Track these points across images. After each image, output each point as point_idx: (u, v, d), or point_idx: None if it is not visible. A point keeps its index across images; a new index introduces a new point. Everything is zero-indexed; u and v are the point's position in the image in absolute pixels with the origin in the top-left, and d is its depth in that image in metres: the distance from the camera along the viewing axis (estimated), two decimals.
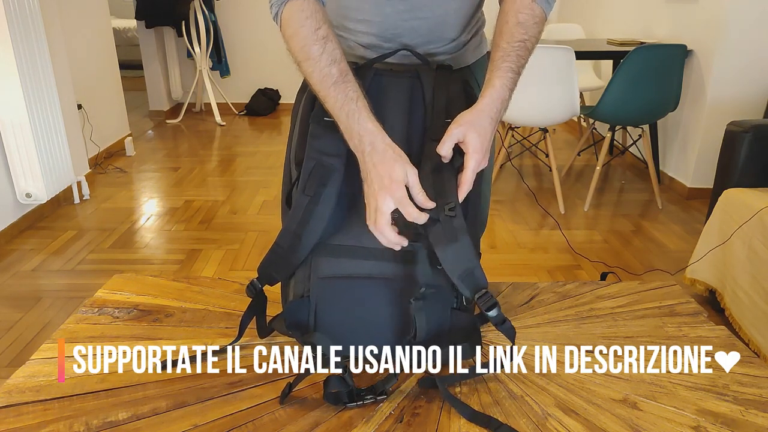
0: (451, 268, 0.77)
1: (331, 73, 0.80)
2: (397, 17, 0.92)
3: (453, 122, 0.80)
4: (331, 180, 0.82)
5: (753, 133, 2.08)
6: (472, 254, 0.77)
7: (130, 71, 6.17)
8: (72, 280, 2.39)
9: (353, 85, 0.81)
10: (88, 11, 3.73)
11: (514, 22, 0.85)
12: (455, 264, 0.77)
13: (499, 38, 0.85)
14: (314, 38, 0.82)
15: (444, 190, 0.78)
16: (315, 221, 0.81)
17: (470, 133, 0.78)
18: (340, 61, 0.82)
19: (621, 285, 1.08)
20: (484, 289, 0.77)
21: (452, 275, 0.77)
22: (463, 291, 0.77)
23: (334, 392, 0.75)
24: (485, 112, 0.80)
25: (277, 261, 0.83)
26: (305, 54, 0.82)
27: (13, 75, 2.59)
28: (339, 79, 0.80)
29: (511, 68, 0.83)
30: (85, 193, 3.28)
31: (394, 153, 0.78)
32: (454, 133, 0.79)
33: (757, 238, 1.86)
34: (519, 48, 0.84)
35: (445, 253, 0.76)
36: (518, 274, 2.46)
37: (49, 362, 0.83)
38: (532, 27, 0.86)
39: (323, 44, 0.82)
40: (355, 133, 0.79)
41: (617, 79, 2.90)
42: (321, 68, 0.81)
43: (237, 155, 4.17)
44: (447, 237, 0.76)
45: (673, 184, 3.46)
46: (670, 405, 0.77)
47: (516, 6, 0.87)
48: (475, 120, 0.79)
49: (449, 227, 0.76)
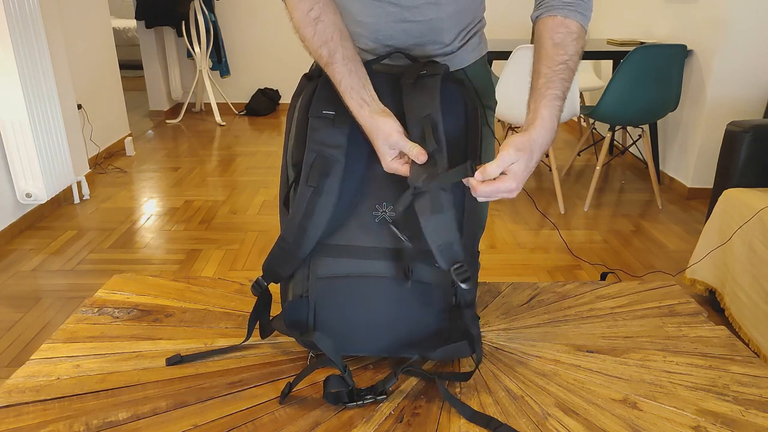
0: (432, 238, 0.78)
1: (321, 55, 0.85)
2: (389, 19, 0.92)
3: (507, 143, 0.76)
4: (333, 170, 0.82)
5: (753, 133, 2.08)
6: (455, 228, 0.78)
7: (130, 71, 6.18)
8: (72, 280, 2.39)
9: (339, 66, 0.83)
10: (88, 11, 3.73)
11: (551, 44, 0.83)
12: (436, 234, 0.77)
13: (539, 64, 0.83)
14: (307, 20, 0.85)
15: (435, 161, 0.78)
16: (319, 212, 0.81)
17: (522, 162, 0.76)
18: (330, 41, 0.85)
19: (621, 285, 1.08)
20: (459, 262, 0.78)
21: (432, 245, 0.78)
22: (439, 261, 0.78)
23: (334, 392, 0.75)
24: (538, 143, 0.78)
25: (282, 256, 0.83)
26: (302, 35, 0.87)
27: (13, 75, 2.59)
28: (329, 60, 0.84)
29: (557, 95, 0.81)
30: (85, 193, 3.28)
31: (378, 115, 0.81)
32: (507, 158, 0.75)
33: (757, 238, 1.86)
34: (561, 71, 0.82)
35: (428, 222, 0.77)
36: (518, 274, 2.46)
37: (49, 362, 0.84)
38: (571, 45, 0.83)
39: (315, 25, 0.85)
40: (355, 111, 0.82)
41: (617, 79, 2.90)
42: (314, 50, 0.86)
43: (237, 155, 4.17)
44: (432, 208, 0.77)
45: (673, 184, 3.47)
46: (670, 405, 0.77)
47: (549, 26, 0.84)
48: (529, 148, 0.77)
49: (436, 199, 0.77)
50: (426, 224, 0.77)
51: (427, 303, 0.83)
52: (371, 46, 0.95)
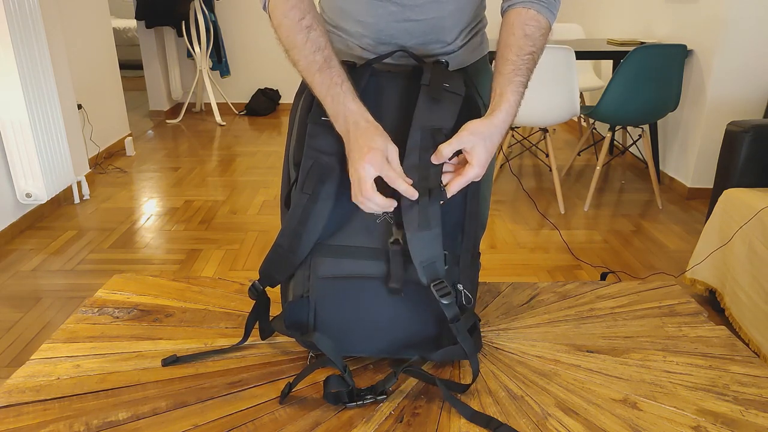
0: (416, 254, 0.79)
1: (315, 60, 0.83)
2: (391, 19, 0.92)
3: (464, 129, 0.79)
4: (329, 178, 0.82)
5: (753, 133, 2.08)
6: (439, 245, 0.79)
7: (130, 71, 6.18)
8: (72, 280, 2.39)
9: (337, 70, 0.83)
10: (88, 11, 3.73)
11: (522, 34, 0.86)
12: (421, 251, 0.79)
13: (508, 51, 0.86)
14: (298, 28, 0.85)
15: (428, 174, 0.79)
16: (314, 219, 0.81)
17: (480, 146, 0.79)
18: (324, 48, 0.84)
19: (621, 285, 1.08)
20: (440, 279, 0.79)
21: (415, 260, 0.79)
22: (421, 277, 0.79)
23: (334, 392, 0.75)
24: (498, 127, 0.81)
25: (277, 261, 0.84)
26: (291, 42, 0.85)
27: (13, 75, 2.59)
28: (324, 65, 0.83)
29: (522, 82, 0.84)
30: (85, 193, 3.28)
31: (376, 129, 0.80)
32: (465, 140, 0.79)
33: (757, 238, 1.86)
34: (528, 61, 0.85)
35: (414, 238, 0.78)
36: (518, 274, 2.46)
37: (49, 362, 0.84)
38: (539, 39, 0.87)
39: (307, 33, 0.84)
40: (341, 114, 0.81)
41: (617, 79, 2.90)
42: (306, 56, 0.84)
43: (237, 155, 4.17)
44: (420, 224, 0.78)
45: (673, 184, 3.46)
46: (670, 405, 0.77)
47: (522, 18, 0.87)
48: (488, 133, 0.80)
49: (424, 214, 0.78)
50: (411, 238, 0.78)
51: (426, 304, 0.83)
52: (373, 45, 0.95)
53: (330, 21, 1.00)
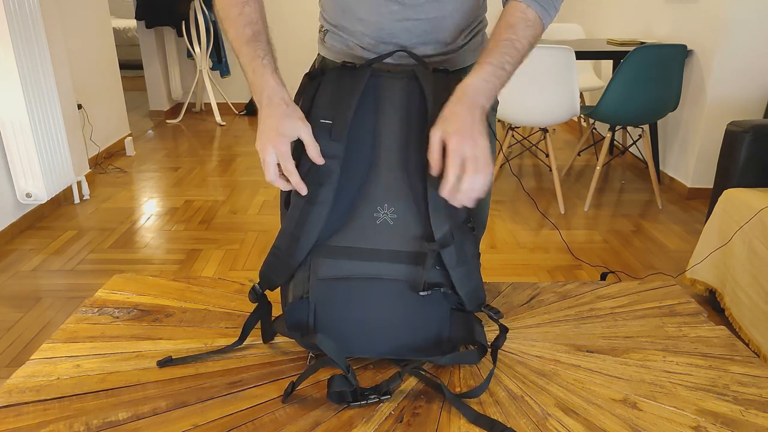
0: (459, 286, 0.82)
1: (245, 33, 0.86)
2: (392, 17, 0.92)
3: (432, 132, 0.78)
4: (327, 181, 0.82)
5: (753, 133, 2.08)
6: (479, 274, 0.84)
7: (130, 71, 6.17)
8: (72, 280, 2.39)
9: (264, 45, 0.85)
10: (88, 11, 3.73)
11: (504, 24, 0.87)
12: (462, 283, 0.82)
13: (489, 41, 0.87)
14: (234, 1, 0.88)
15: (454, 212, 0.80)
16: (312, 222, 0.81)
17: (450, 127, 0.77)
18: (255, 23, 0.87)
19: (621, 285, 1.08)
20: (484, 303, 0.85)
21: (460, 291, 0.82)
22: (468, 305, 0.83)
23: (337, 391, 0.75)
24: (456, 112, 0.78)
25: (276, 264, 0.83)
26: (225, 14, 0.88)
27: (13, 75, 2.59)
28: (251, 38, 0.85)
29: (490, 62, 0.82)
30: (85, 193, 3.28)
31: (288, 108, 0.80)
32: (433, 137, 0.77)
33: (757, 238, 1.86)
34: (504, 46, 0.84)
35: (455, 272, 0.82)
36: (518, 274, 2.46)
37: (49, 362, 0.84)
38: (523, 29, 0.86)
39: (242, 7, 0.87)
40: (258, 87, 0.83)
41: (617, 79, 2.90)
42: (236, 28, 0.87)
43: (237, 155, 4.17)
44: (458, 261, 0.81)
45: (673, 184, 3.47)
46: (670, 405, 0.77)
47: (509, 10, 0.88)
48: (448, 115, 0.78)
49: (461, 251, 0.81)
50: (454, 274, 0.82)
51: (427, 307, 0.83)
52: (373, 44, 0.95)
53: (331, 20, 1.00)
